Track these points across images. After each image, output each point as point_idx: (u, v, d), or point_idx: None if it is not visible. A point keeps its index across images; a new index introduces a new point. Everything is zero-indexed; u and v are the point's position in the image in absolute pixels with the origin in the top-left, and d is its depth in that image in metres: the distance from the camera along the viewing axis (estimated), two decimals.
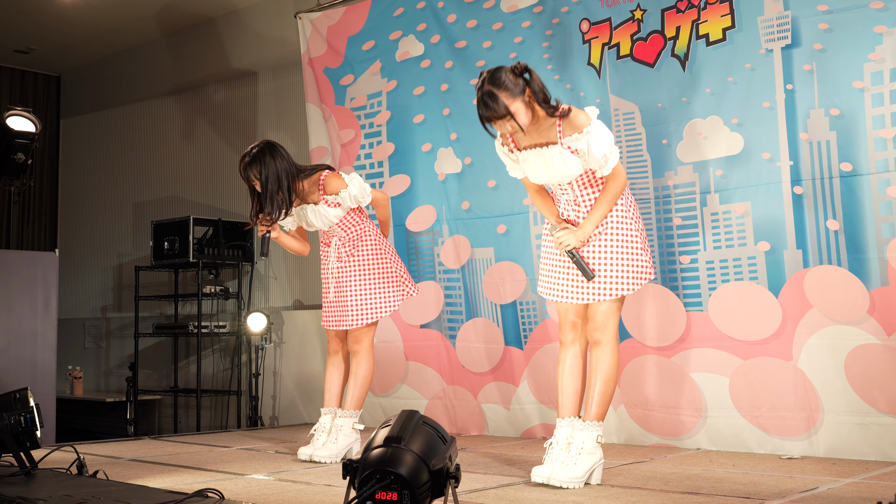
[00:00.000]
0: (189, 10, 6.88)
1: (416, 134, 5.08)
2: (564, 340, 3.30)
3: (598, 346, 3.18)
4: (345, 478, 2.06)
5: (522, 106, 3.02)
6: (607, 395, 3.15)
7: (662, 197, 4.20)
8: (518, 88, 3.01)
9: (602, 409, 3.15)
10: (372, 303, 3.88)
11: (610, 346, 3.17)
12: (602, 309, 3.17)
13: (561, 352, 3.31)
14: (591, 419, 3.13)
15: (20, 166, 5.12)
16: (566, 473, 3.03)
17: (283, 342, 6.19)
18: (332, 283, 3.95)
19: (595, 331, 3.18)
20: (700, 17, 4.12)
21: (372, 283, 3.89)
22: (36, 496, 2.65)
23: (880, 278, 3.62)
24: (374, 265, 3.91)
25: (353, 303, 3.87)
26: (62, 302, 6.16)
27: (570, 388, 3.24)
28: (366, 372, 3.88)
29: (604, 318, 3.17)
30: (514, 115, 3.01)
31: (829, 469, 3.40)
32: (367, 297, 3.88)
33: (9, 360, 4.94)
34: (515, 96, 3.00)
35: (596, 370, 3.17)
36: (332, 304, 3.95)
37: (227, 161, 6.87)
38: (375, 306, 3.89)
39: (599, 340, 3.17)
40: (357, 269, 3.89)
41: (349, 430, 3.82)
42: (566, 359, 3.28)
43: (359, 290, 3.88)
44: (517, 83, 3.01)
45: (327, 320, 3.98)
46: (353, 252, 3.90)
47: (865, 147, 3.68)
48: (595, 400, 3.14)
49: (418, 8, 5.12)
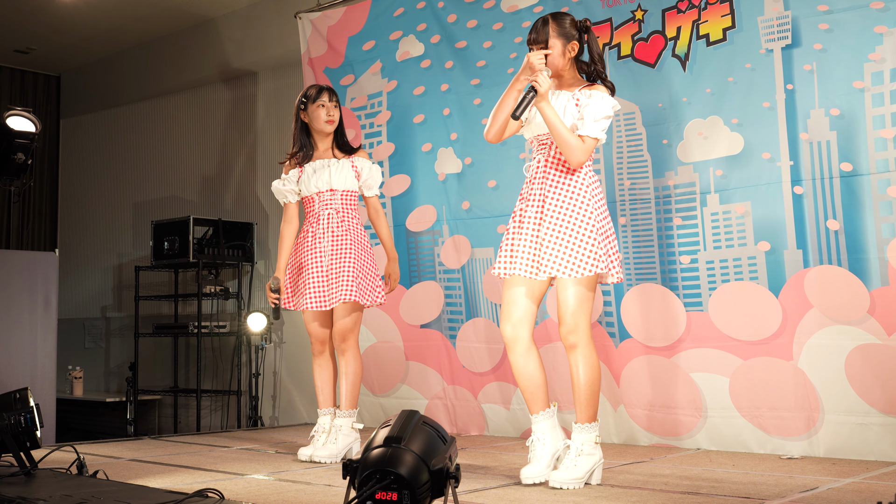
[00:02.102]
0: (189, 10, 6.88)
1: (417, 134, 5.08)
2: (506, 341, 3.22)
3: (575, 350, 3.12)
4: (345, 478, 2.06)
5: (560, 48, 3.19)
6: (595, 396, 3.13)
7: (663, 197, 4.20)
8: (567, 34, 3.20)
9: (593, 410, 3.13)
10: (368, 286, 3.82)
11: (586, 347, 3.12)
12: (570, 311, 3.10)
13: (509, 354, 3.23)
14: (586, 421, 3.12)
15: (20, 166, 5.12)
16: (567, 475, 3.03)
17: (283, 342, 6.19)
18: (327, 258, 3.81)
19: (569, 334, 3.12)
20: (700, 17, 4.13)
21: (369, 267, 3.84)
22: (36, 496, 2.65)
23: (880, 278, 3.62)
24: (368, 253, 3.87)
25: (353, 278, 3.76)
26: (62, 302, 6.16)
27: (532, 386, 3.20)
28: (355, 370, 3.82)
29: (574, 320, 3.11)
30: (549, 48, 3.16)
31: (829, 469, 3.40)
32: (366, 279, 3.81)
33: (9, 360, 4.94)
34: (560, 37, 3.18)
35: (577, 375, 3.12)
36: (324, 280, 3.79)
37: (227, 161, 6.87)
38: (370, 291, 3.83)
39: (575, 344, 3.11)
40: (355, 248, 3.82)
41: (348, 429, 3.81)
42: (516, 360, 3.20)
43: (358, 268, 3.79)
44: (570, 32, 3.21)
45: (317, 300, 3.78)
46: (349, 231, 3.83)
47: (866, 147, 3.68)
48: (584, 404, 3.12)
49: (418, 8, 5.12)
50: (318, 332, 3.91)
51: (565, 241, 3.08)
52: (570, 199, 3.13)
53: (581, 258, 3.06)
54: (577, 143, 3.10)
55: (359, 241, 3.85)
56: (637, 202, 4.27)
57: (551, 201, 3.14)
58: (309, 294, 3.79)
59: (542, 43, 3.18)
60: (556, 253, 3.08)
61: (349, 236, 3.83)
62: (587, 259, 3.06)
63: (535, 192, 3.20)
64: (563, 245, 3.08)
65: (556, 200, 3.14)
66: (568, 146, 3.09)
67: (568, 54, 3.21)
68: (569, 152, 3.10)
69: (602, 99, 3.15)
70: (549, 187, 3.16)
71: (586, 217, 3.11)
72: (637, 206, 4.27)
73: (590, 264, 3.06)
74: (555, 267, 3.07)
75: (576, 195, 3.13)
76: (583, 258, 3.06)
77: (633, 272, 4.26)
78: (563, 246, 3.08)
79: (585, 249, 3.07)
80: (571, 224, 3.10)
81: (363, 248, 3.85)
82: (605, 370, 4.32)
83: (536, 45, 3.19)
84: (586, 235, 3.08)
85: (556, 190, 3.15)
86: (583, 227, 3.09)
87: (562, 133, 3.09)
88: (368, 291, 3.82)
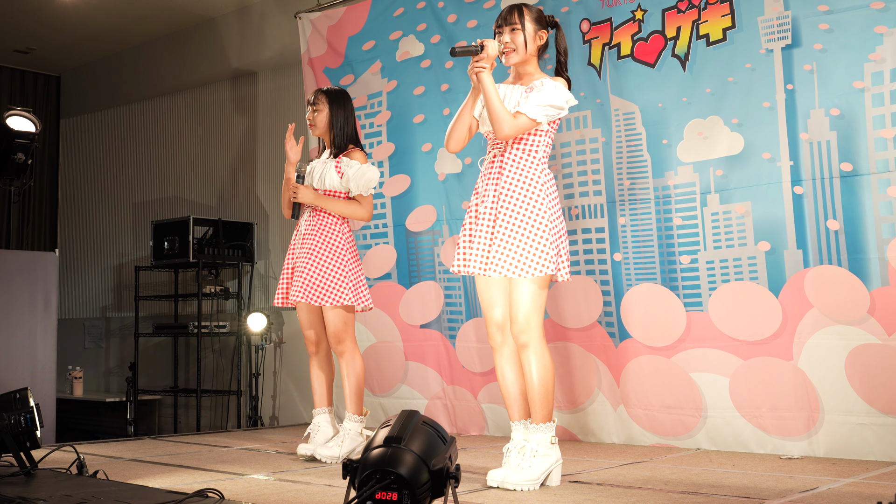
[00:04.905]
0: (189, 10, 6.88)
1: (417, 134, 5.08)
2: (493, 344, 3.24)
3: (527, 349, 3.11)
4: (345, 478, 2.06)
5: (532, 32, 3.22)
6: (549, 395, 3.12)
7: (663, 197, 4.20)
8: (538, 21, 3.24)
9: (547, 410, 3.11)
10: (327, 287, 3.77)
11: (538, 346, 3.10)
12: (523, 310, 3.09)
13: (494, 357, 3.26)
14: (540, 421, 3.11)
15: (20, 166, 5.12)
16: (520, 476, 3.01)
17: (283, 342, 6.19)
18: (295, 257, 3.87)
19: (521, 333, 3.10)
20: (700, 17, 4.12)
21: (332, 269, 3.79)
22: (36, 496, 2.65)
23: (881, 278, 3.62)
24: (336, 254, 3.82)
25: (309, 279, 3.76)
26: (62, 302, 6.16)
27: (514, 393, 3.22)
28: (357, 371, 3.82)
29: (526, 319, 3.09)
30: (521, 30, 3.19)
31: (829, 469, 3.40)
32: (326, 280, 3.77)
33: (9, 360, 4.93)
34: (532, 21, 3.22)
35: (530, 374, 3.11)
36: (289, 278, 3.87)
37: (227, 161, 6.87)
38: (351, 292, 3.78)
39: (527, 343, 3.10)
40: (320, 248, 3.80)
41: (356, 435, 3.81)
42: (501, 364, 3.23)
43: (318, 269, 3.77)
44: (541, 20, 3.26)
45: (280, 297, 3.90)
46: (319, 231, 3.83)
47: (866, 147, 3.68)
48: (538, 403, 3.10)
49: (418, 8, 5.12)
50: (306, 332, 3.93)
51: (518, 241, 3.08)
52: (524, 198, 3.12)
53: (533, 259, 3.06)
54: (506, 116, 3.10)
55: (328, 242, 3.82)
56: (637, 202, 4.27)
57: (505, 199, 3.13)
58: (278, 290, 3.96)
59: (514, 24, 3.20)
60: (508, 253, 3.08)
61: (318, 236, 3.83)
62: (538, 260, 3.06)
63: (490, 189, 3.19)
64: (515, 245, 3.08)
65: (509, 199, 3.13)
66: (497, 116, 3.10)
67: (537, 41, 3.24)
68: (496, 122, 3.11)
69: (554, 88, 3.15)
70: (504, 184, 3.16)
71: (539, 217, 3.10)
72: (637, 206, 4.27)
73: (541, 265, 3.06)
74: (507, 267, 3.07)
75: (530, 193, 3.12)
76: (535, 259, 3.06)
77: (633, 272, 4.26)
78: (515, 246, 3.08)
79: (537, 250, 3.07)
80: (524, 224, 3.09)
81: (331, 248, 3.81)
82: (605, 370, 4.32)
83: (507, 25, 3.22)
84: (539, 236, 3.08)
85: (510, 188, 3.14)
86: (536, 227, 3.09)
87: (493, 102, 3.10)
88: (324, 293, 3.76)
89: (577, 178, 4.44)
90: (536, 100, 3.12)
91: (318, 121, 3.94)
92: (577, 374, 4.39)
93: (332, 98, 3.95)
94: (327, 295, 3.76)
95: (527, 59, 3.25)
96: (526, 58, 3.24)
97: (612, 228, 4.34)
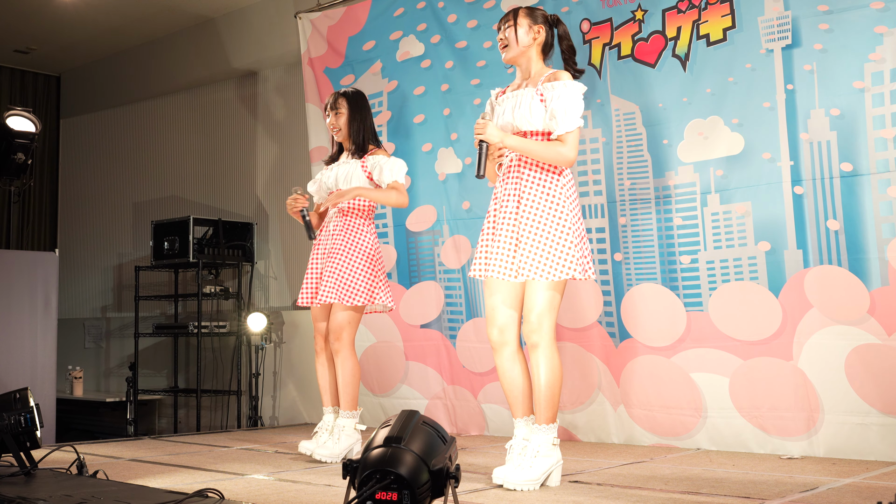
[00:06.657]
0: (189, 10, 6.88)
1: (417, 134, 5.08)
2: (493, 345, 3.23)
3: (536, 350, 3.11)
4: (345, 478, 2.06)
5: (528, 30, 3.25)
6: (555, 398, 3.12)
7: (663, 197, 4.20)
8: (535, 17, 3.28)
9: (552, 412, 3.12)
10: (352, 287, 3.80)
11: (548, 348, 3.10)
12: (536, 311, 3.10)
13: (495, 357, 3.25)
14: (544, 423, 3.11)
15: (20, 166, 5.12)
16: (521, 476, 3.01)
17: (283, 342, 6.19)
18: (322, 256, 3.90)
19: (532, 333, 3.11)
20: (701, 17, 4.13)
21: (359, 269, 3.82)
22: (36, 496, 2.65)
23: (880, 278, 3.62)
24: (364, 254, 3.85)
25: (336, 278, 3.79)
26: (62, 302, 6.16)
27: (516, 390, 3.21)
28: (351, 371, 3.83)
29: (539, 320, 3.10)
30: (517, 27, 3.25)
31: (829, 469, 3.40)
32: (352, 280, 3.80)
33: (9, 360, 4.94)
34: (526, 16, 3.27)
35: (538, 375, 3.11)
36: (316, 278, 3.90)
37: (227, 161, 6.87)
38: (364, 294, 3.81)
39: (537, 343, 3.10)
40: (348, 248, 3.83)
41: (351, 430, 3.82)
42: (502, 364, 3.22)
43: (345, 269, 3.80)
44: (539, 16, 3.29)
45: (305, 296, 3.92)
46: (346, 231, 3.86)
47: (866, 147, 3.68)
48: (544, 405, 3.11)
49: (418, 8, 5.12)
50: (318, 327, 3.96)
51: (543, 244, 3.08)
52: (547, 200, 3.12)
53: (557, 262, 3.06)
54: (556, 152, 3.11)
55: (355, 242, 3.85)
56: (637, 202, 4.27)
57: (527, 202, 3.13)
58: (302, 289, 3.95)
59: (508, 21, 3.27)
60: (533, 256, 3.08)
61: (345, 236, 3.86)
62: (563, 263, 3.07)
63: (510, 192, 3.19)
64: (540, 249, 3.08)
65: (532, 202, 3.13)
66: (551, 158, 3.12)
67: (534, 35, 3.26)
68: (556, 161, 3.12)
69: (565, 87, 3.14)
70: (525, 186, 3.16)
71: (563, 220, 3.10)
72: (637, 206, 4.27)
73: (565, 269, 3.07)
74: (533, 271, 3.07)
75: (552, 196, 3.13)
76: (559, 262, 3.06)
77: (634, 272, 4.26)
78: (540, 249, 3.08)
79: (562, 253, 3.07)
80: (549, 227, 3.09)
81: (359, 248, 3.85)
82: (605, 370, 4.32)
83: (503, 23, 3.28)
84: (563, 239, 3.08)
85: (532, 190, 3.14)
86: (560, 230, 3.09)
87: (539, 152, 3.12)
88: (350, 293, 3.78)
89: (577, 178, 4.44)
90: (563, 109, 3.10)
91: (341, 124, 3.97)
92: (577, 374, 4.39)
93: (351, 100, 3.98)
94: (341, 293, 3.79)
95: (523, 53, 3.27)
96: (522, 51, 3.26)
97: (612, 228, 4.34)
